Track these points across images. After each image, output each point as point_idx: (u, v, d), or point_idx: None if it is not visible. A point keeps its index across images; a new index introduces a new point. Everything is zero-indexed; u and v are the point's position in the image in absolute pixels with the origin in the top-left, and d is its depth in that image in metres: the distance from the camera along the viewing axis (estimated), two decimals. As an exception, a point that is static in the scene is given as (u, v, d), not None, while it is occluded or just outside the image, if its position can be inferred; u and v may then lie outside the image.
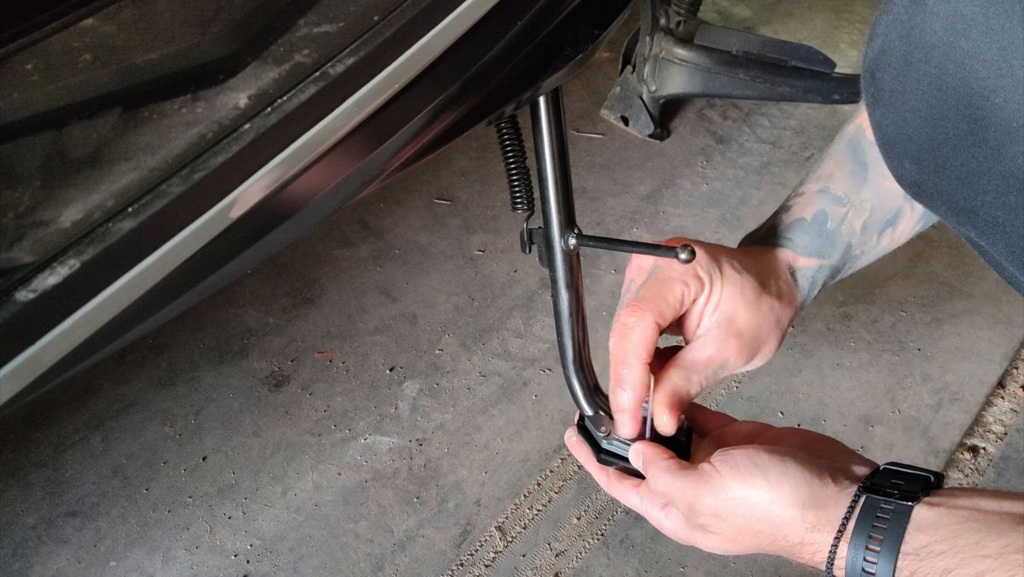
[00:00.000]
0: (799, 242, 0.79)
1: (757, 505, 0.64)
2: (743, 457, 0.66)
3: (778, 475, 0.64)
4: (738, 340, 0.73)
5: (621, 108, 1.74)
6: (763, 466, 0.65)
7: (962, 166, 0.60)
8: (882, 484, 0.63)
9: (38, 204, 0.51)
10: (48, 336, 0.50)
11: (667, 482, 0.68)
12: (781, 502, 0.63)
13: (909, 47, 0.60)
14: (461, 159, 1.69)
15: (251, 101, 0.57)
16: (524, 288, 1.45)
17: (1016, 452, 1.21)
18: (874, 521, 0.61)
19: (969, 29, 0.55)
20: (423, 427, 1.26)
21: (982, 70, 0.55)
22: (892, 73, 0.62)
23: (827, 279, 0.80)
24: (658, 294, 0.72)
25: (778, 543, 0.65)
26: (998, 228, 0.61)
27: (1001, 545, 0.57)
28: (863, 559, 0.60)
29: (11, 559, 1.12)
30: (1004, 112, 0.55)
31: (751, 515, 0.65)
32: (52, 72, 0.55)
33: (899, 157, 0.66)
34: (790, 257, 0.79)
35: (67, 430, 1.26)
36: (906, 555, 0.59)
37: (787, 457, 0.65)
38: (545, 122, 0.81)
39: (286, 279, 1.47)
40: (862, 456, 0.69)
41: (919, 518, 0.60)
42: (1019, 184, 0.56)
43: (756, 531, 0.65)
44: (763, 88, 1.60)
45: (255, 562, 1.12)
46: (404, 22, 0.64)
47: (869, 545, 0.60)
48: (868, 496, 0.62)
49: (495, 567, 1.11)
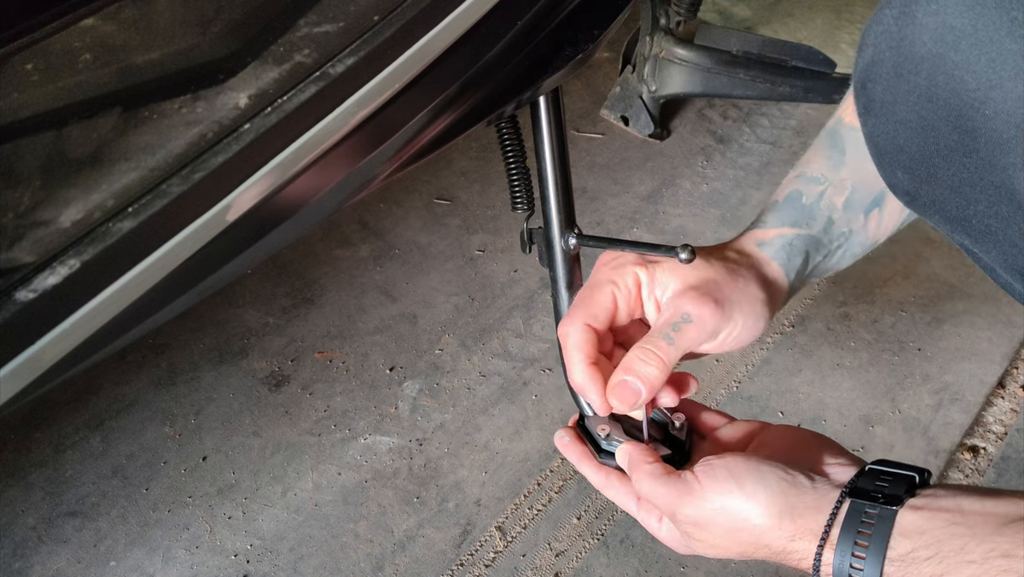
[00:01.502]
0: (768, 220, 0.77)
1: (735, 515, 0.64)
2: (721, 468, 0.66)
3: (753, 485, 0.64)
4: (696, 292, 0.70)
5: (621, 108, 1.74)
6: (739, 477, 0.64)
7: (953, 176, 0.60)
8: (866, 487, 0.63)
9: (38, 204, 0.51)
10: (48, 336, 0.50)
11: (650, 487, 0.68)
12: (758, 512, 0.63)
13: (899, 58, 0.60)
14: (461, 159, 1.69)
15: (251, 101, 0.57)
16: (524, 288, 1.45)
17: (1016, 452, 1.21)
18: (859, 527, 0.61)
19: (958, 41, 0.56)
20: (423, 427, 1.26)
21: (972, 82, 0.56)
22: (883, 84, 0.62)
23: (810, 249, 0.76)
24: (587, 299, 0.72)
25: (761, 551, 0.65)
26: (991, 236, 0.61)
27: (985, 550, 0.57)
28: (850, 565, 0.60)
29: (11, 559, 1.12)
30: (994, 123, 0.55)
31: (730, 525, 0.65)
32: (52, 72, 0.55)
33: (891, 167, 0.66)
34: (755, 236, 0.76)
35: (67, 430, 1.26)
36: (892, 561, 0.59)
37: (763, 466, 0.65)
38: (545, 122, 0.81)
39: (286, 279, 1.47)
40: (851, 455, 0.69)
41: (903, 523, 0.60)
42: (1010, 194, 0.57)
43: (738, 540, 0.65)
44: (763, 88, 1.60)
45: (255, 562, 1.12)
46: (404, 22, 0.64)
47: (855, 552, 0.60)
48: (852, 501, 0.62)
49: (495, 567, 1.11)
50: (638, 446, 0.72)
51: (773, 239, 0.76)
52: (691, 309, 0.69)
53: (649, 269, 0.72)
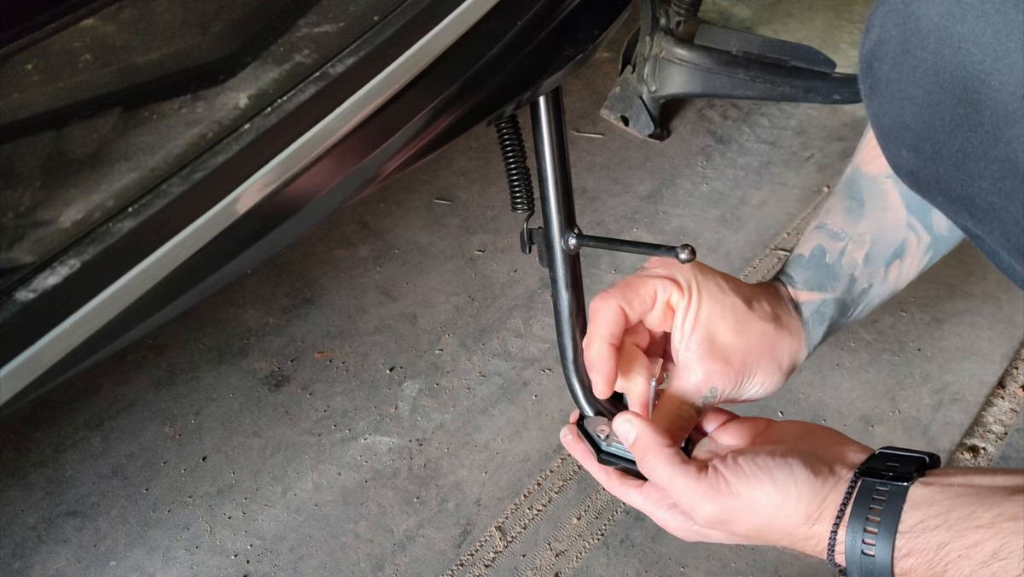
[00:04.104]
0: (798, 277, 0.79)
1: (765, 509, 0.64)
2: (749, 463, 0.66)
3: (785, 477, 0.64)
4: (724, 364, 0.74)
5: (621, 108, 1.74)
6: (768, 470, 0.65)
7: (958, 152, 0.60)
8: (877, 467, 0.63)
9: (38, 204, 0.51)
10: (48, 336, 0.50)
11: (671, 478, 0.67)
12: (789, 503, 0.64)
13: (905, 34, 0.60)
14: (461, 159, 1.69)
15: (251, 101, 0.57)
16: (524, 288, 1.45)
17: (1016, 452, 1.21)
18: (870, 504, 0.61)
19: (965, 14, 0.56)
20: (423, 427, 1.26)
21: (978, 54, 0.55)
22: (889, 62, 0.62)
23: (835, 315, 0.79)
24: (629, 285, 0.74)
25: (783, 540, 0.66)
26: (995, 215, 0.61)
27: (993, 515, 0.57)
28: (862, 541, 0.60)
29: (11, 559, 1.12)
30: (1000, 95, 0.55)
31: (758, 519, 0.65)
32: (52, 72, 0.55)
33: (896, 146, 0.66)
34: (791, 292, 0.79)
35: (67, 430, 1.26)
36: (903, 533, 0.59)
37: (790, 458, 0.65)
38: (545, 122, 0.81)
39: (286, 279, 1.47)
40: (859, 443, 0.69)
41: (914, 496, 0.60)
42: (1015, 168, 0.56)
43: (762, 531, 0.66)
44: (763, 88, 1.60)
45: (255, 562, 1.12)
46: (404, 22, 0.64)
47: (867, 528, 0.60)
48: (864, 480, 0.63)
49: (495, 567, 1.11)
50: (647, 425, 0.70)
51: (806, 303, 0.79)
52: (720, 387, 0.75)
53: (692, 292, 0.74)
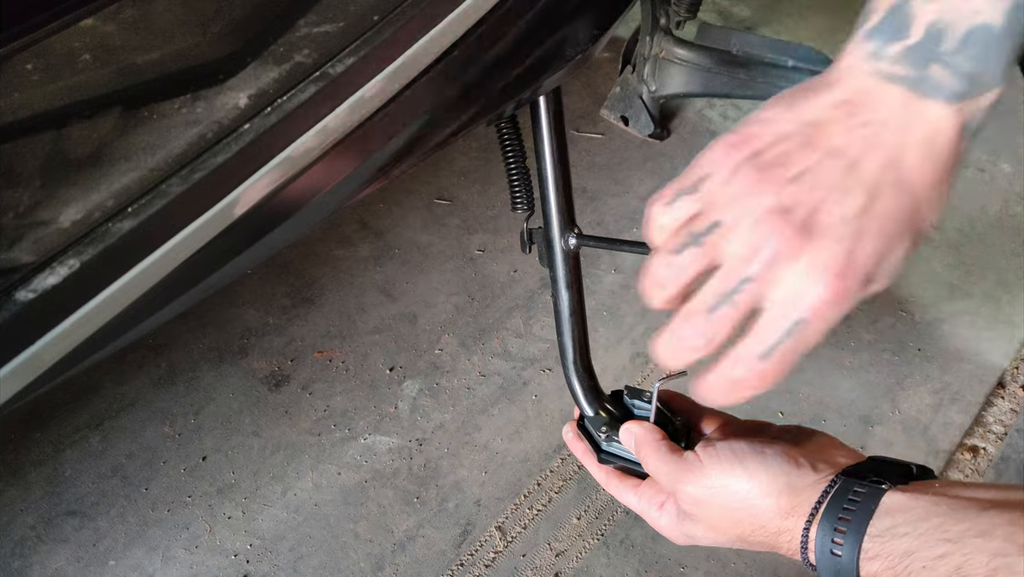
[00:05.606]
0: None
1: (736, 493, 0.65)
2: (724, 447, 0.67)
3: (756, 464, 0.65)
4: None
5: (621, 108, 1.74)
6: (742, 455, 0.65)
7: None
8: (862, 470, 0.63)
9: (38, 204, 0.51)
10: (48, 336, 0.50)
11: (655, 463, 0.69)
12: (759, 491, 0.64)
13: None
14: (461, 159, 1.69)
15: (251, 101, 0.57)
16: (524, 288, 1.45)
17: (1016, 452, 1.21)
18: (844, 504, 0.61)
19: None
20: (423, 427, 1.26)
21: None
22: None
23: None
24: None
25: (757, 534, 0.65)
26: None
27: (963, 529, 0.57)
28: (831, 541, 0.60)
29: (10, 558, 1.12)
30: None
31: (730, 504, 0.65)
32: (52, 72, 0.55)
33: None
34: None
35: (67, 430, 1.25)
36: (872, 536, 0.59)
37: (766, 447, 0.66)
38: (545, 122, 0.81)
39: (286, 279, 1.47)
40: (853, 451, 0.69)
41: (888, 502, 0.60)
42: None
43: (736, 520, 0.66)
44: (763, 88, 1.60)
45: (255, 562, 1.12)
46: (404, 22, 0.64)
47: (837, 527, 0.60)
48: (843, 480, 0.63)
49: (495, 567, 1.11)
50: (645, 425, 0.73)
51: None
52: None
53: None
